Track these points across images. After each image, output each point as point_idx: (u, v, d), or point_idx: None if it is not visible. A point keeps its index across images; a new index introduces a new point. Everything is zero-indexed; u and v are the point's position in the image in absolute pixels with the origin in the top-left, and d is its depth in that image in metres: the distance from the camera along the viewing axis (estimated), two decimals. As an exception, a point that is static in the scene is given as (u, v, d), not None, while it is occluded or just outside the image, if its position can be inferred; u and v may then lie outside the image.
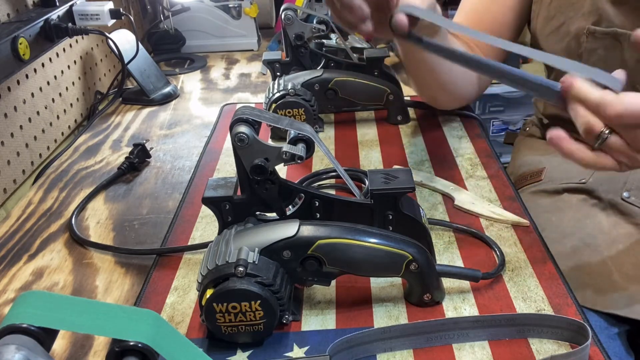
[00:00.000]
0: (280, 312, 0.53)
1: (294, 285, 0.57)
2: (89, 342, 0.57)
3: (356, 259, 0.54)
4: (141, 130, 1.01)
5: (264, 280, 0.51)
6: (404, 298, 0.59)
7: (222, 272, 0.51)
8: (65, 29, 0.94)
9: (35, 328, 0.37)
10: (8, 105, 0.87)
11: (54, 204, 0.80)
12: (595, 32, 0.75)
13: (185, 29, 1.36)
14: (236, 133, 0.54)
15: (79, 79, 1.10)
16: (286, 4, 0.94)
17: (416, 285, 0.56)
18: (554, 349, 0.52)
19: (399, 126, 0.94)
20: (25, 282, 0.66)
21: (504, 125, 1.87)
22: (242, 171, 0.57)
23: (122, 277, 0.66)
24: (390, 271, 0.55)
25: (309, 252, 0.53)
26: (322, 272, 0.55)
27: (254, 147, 0.55)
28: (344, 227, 0.54)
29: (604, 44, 0.75)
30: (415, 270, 0.54)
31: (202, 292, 0.52)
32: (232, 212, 0.59)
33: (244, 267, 0.51)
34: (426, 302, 0.57)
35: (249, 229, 0.56)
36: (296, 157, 0.55)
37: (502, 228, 0.68)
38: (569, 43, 0.79)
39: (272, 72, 0.97)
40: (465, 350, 0.52)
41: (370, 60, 0.93)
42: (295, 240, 0.53)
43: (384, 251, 0.54)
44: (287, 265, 0.54)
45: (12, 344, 0.36)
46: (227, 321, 0.52)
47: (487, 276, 0.59)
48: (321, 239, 0.53)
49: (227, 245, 0.53)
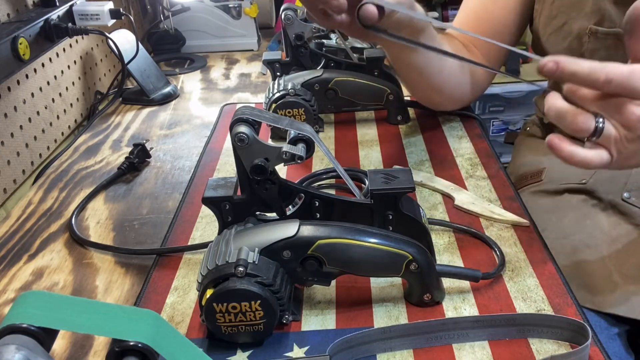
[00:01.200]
0: (280, 312, 0.53)
1: (294, 285, 0.57)
2: (89, 342, 0.57)
3: (356, 258, 0.54)
4: (141, 130, 1.01)
5: (264, 280, 0.51)
6: (404, 298, 0.59)
7: (222, 272, 0.51)
8: (65, 29, 0.94)
9: (35, 328, 0.37)
10: (8, 105, 0.87)
11: (54, 204, 0.80)
12: (597, 32, 0.75)
13: (185, 29, 1.36)
14: (236, 133, 0.54)
15: (79, 79, 1.10)
16: (286, 4, 0.94)
17: (416, 285, 0.56)
18: (554, 349, 0.52)
19: (398, 126, 0.94)
20: (25, 282, 0.66)
21: (504, 125, 1.87)
22: (242, 171, 0.57)
23: (122, 277, 0.66)
24: (391, 271, 0.55)
25: (309, 252, 0.53)
26: (322, 272, 0.55)
27: (254, 147, 0.55)
28: (344, 227, 0.54)
29: (606, 44, 0.75)
30: (415, 270, 0.54)
31: (202, 292, 0.52)
32: (232, 212, 0.59)
33: (244, 267, 0.51)
34: (426, 302, 0.57)
35: (249, 229, 0.56)
36: (296, 157, 0.55)
37: (502, 228, 0.68)
38: (571, 43, 0.79)
39: (272, 72, 0.97)
40: (465, 350, 0.52)
41: (370, 60, 0.93)
42: (295, 240, 0.53)
43: (384, 251, 0.54)
44: (287, 265, 0.54)
45: (12, 344, 0.36)
46: (227, 321, 0.52)
47: (487, 276, 0.59)
48: (321, 239, 0.53)
49: (227, 245, 0.53)
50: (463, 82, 0.88)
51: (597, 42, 0.76)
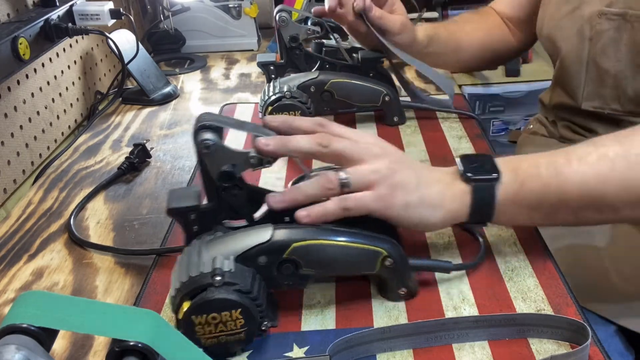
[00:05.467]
0: (260, 318, 0.52)
1: (270, 290, 0.56)
2: (89, 342, 0.57)
3: (332, 258, 0.54)
4: (141, 130, 1.01)
5: (243, 287, 0.50)
6: (378, 293, 0.59)
7: (198, 283, 0.50)
8: (65, 29, 0.94)
9: (35, 328, 0.37)
10: (8, 105, 0.87)
11: (54, 204, 0.80)
12: (607, 13, 0.78)
13: (185, 29, 1.36)
14: (201, 140, 0.52)
15: (79, 79, 1.10)
16: (280, 5, 0.93)
17: (391, 280, 0.57)
18: (554, 349, 0.52)
19: (398, 126, 0.94)
20: (25, 282, 0.66)
21: (504, 125, 1.87)
22: (209, 179, 0.55)
23: (122, 277, 0.66)
24: (367, 268, 0.55)
25: (284, 256, 0.53)
26: (299, 275, 0.54)
27: (220, 153, 0.53)
28: (317, 228, 0.54)
29: (615, 25, 0.77)
30: (390, 265, 0.54)
31: (177, 306, 0.51)
32: (198, 221, 0.56)
33: (222, 275, 0.49)
34: (402, 295, 0.57)
35: (220, 238, 0.54)
36: (264, 161, 0.54)
37: (502, 228, 0.68)
38: (581, 26, 0.81)
39: (266, 75, 0.96)
40: (465, 350, 0.52)
41: (365, 61, 0.93)
42: (270, 245, 0.52)
43: (359, 249, 0.54)
44: (264, 271, 0.53)
45: (12, 344, 0.36)
46: (207, 333, 0.51)
47: (460, 267, 0.60)
48: (296, 241, 0.52)
49: (199, 255, 0.52)
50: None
51: (606, 23, 0.78)
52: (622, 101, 0.79)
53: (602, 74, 0.80)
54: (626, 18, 0.75)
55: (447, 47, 0.96)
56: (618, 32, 0.77)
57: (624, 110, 0.80)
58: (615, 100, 0.80)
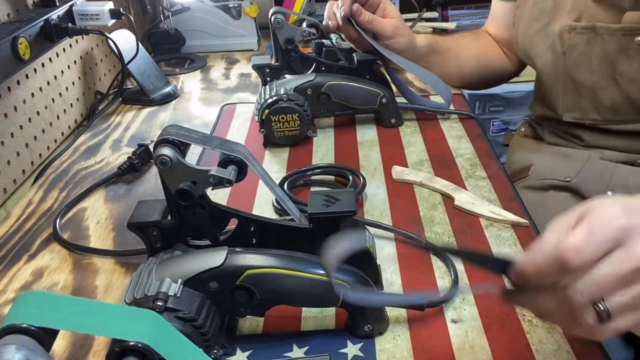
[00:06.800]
0: (206, 347, 0.50)
1: (226, 316, 0.53)
2: (89, 342, 0.57)
3: (289, 289, 0.50)
4: (141, 130, 1.01)
5: (186, 315, 0.48)
6: (345, 329, 0.55)
7: (141, 307, 0.47)
8: (65, 29, 0.94)
9: (35, 328, 0.37)
10: (8, 105, 0.87)
11: (54, 204, 0.80)
12: (576, 27, 0.79)
13: (185, 29, 1.36)
14: (158, 155, 0.50)
15: (79, 79, 1.10)
16: (274, 7, 0.92)
17: (355, 316, 0.53)
18: (554, 349, 0.52)
19: (398, 127, 0.94)
20: (25, 282, 0.66)
21: (504, 125, 1.87)
22: (169, 195, 0.52)
23: (122, 277, 0.66)
24: (327, 302, 0.52)
25: (237, 283, 0.50)
26: (254, 304, 0.51)
27: (179, 170, 0.51)
28: (277, 256, 0.51)
29: (585, 39, 0.79)
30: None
31: None
32: (160, 238, 0.54)
33: (164, 300, 0.47)
34: (367, 332, 0.53)
35: (174, 258, 0.52)
36: (224, 180, 0.51)
37: (501, 228, 0.68)
38: (553, 41, 0.83)
39: (261, 77, 0.95)
40: (465, 351, 0.52)
41: (361, 63, 0.93)
42: (222, 270, 0.49)
43: (320, 281, 0.50)
44: (215, 297, 0.50)
45: (12, 344, 0.36)
46: None
47: (435, 304, 0.56)
48: (251, 268, 0.50)
49: (149, 276, 0.50)
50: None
51: (576, 37, 0.79)
52: (600, 111, 0.81)
53: (578, 86, 0.82)
54: (595, 31, 0.77)
55: (447, 55, 0.97)
56: (589, 45, 0.78)
57: (603, 119, 0.82)
58: (594, 111, 0.82)
